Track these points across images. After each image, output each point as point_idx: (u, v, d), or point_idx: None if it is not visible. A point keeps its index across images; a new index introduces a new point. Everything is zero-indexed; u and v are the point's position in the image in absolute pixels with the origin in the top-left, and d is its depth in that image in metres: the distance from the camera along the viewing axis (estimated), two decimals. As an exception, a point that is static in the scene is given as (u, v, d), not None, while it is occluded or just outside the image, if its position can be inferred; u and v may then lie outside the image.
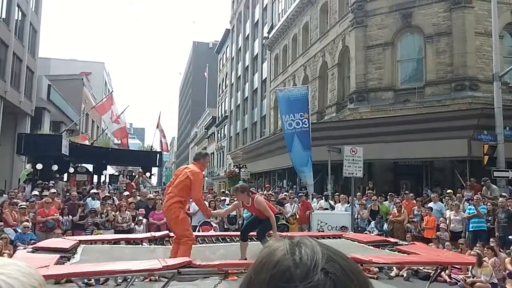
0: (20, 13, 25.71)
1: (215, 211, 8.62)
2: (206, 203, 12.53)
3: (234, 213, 12.37)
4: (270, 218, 6.51)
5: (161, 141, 25.16)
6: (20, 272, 0.74)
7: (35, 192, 12.97)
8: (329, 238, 8.45)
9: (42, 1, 30.05)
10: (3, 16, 23.25)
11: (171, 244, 7.30)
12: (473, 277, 8.43)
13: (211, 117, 56.20)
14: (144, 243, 7.31)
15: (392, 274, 9.38)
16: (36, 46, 28.98)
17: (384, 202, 13.14)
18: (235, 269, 5.34)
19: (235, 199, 12.20)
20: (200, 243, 7.37)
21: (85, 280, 7.05)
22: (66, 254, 5.58)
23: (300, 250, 0.72)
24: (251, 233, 6.89)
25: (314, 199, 14.24)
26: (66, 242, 6.48)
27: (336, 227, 11.90)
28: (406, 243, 8.05)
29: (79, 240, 6.75)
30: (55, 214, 10.95)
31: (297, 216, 12.75)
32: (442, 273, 8.06)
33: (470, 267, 8.35)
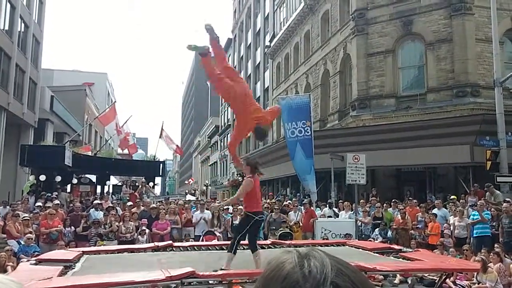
0: (23, 24, 25.94)
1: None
2: (209, 212, 12.57)
3: (237, 221, 12.34)
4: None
5: (177, 145, 25.48)
6: None
7: (39, 204, 12.99)
8: (333, 245, 8.43)
9: (45, 12, 30.37)
10: (6, 27, 23.45)
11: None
12: (478, 284, 8.37)
13: (214, 126, 56.33)
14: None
15: (397, 281, 9.33)
16: (39, 57, 29.20)
17: (388, 209, 13.10)
18: (239, 279, 5.33)
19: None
20: (203, 253, 7.37)
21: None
22: (68, 265, 5.59)
23: (309, 262, 0.71)
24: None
25: (318, 207, 14.21)
26: (69, 253, 6.49)
27: (340, 234, 11.85)
28: (411, 250, 8.02)
29: (82, 251, 6.75)
30: (59, 226, 10.95)
31: (301, 224, 12.72)
32: (447, 279, 8.01)
33: (475, 273, 8.30)
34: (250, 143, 39.04)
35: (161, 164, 22.09)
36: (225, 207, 13.76)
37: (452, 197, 13.20)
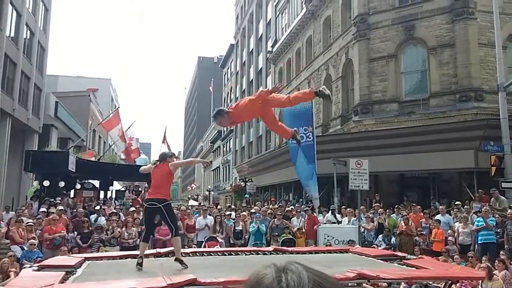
0: (28, 31, 26.16)
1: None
2: (211, 218, 12.54)
3: (240, 227, 12.32)
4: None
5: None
6: None
7: (43, 209, 13.01)
8: (336, 252, 8.36)
9: (50, 20, 30.61)
10: (12, 34, 23.65)
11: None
12: (483, 291, 8.28)
13: (216, 131, 56.38)
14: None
15: (400, 289, 9.23)
16: (44, 64, 29.41)
17: (391, 215, 13.02)
18: (240, 286, 5.29)
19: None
20: (206, 259, 7.33)
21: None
22: (70, 271, 5.57)
23: (286, 277, 0.73)
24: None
25: (320, 213, 14.14)
26: (71, 259, 6.47)
27: (343, 241, 11.77)
28: (414, 257, 7.94)
29: (85, 257, 6.73)
30: (62, 231, 10.96)
31: (303, 230, 12.65)
32: (453, 286, 7.92)
33: (481, 281, 8.22)
34: (252, 149, 39.05)
35: (164, 170, 22.05)
36: (227, 213, 13.75)
37: (457, 203, 13.12)
